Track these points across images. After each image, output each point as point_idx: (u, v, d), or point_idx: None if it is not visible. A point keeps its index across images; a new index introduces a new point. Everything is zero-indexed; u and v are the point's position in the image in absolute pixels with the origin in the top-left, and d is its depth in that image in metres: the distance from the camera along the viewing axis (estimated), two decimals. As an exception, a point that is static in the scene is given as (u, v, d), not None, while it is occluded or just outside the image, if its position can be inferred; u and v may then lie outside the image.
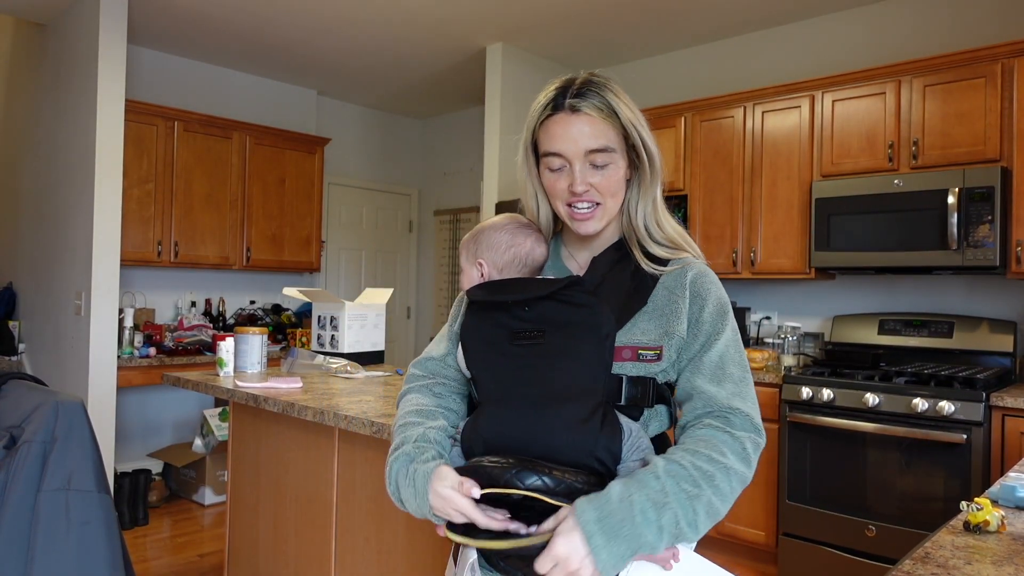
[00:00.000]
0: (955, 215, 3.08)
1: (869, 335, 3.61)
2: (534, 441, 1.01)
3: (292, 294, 3.26)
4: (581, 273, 1.20)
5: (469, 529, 1.00)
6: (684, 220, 4.08)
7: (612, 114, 1.12)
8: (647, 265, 1.15)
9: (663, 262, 1.16)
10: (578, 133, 1.11)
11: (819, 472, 3.21)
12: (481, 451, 1.05)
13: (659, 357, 1.09)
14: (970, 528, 1.15)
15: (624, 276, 1.15)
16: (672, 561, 1.01)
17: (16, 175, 4.80)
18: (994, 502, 1.28)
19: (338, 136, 5.82)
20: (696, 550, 1.12)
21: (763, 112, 3.78)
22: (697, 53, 4.50)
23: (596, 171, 1.12)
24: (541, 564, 0.92)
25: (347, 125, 6.00)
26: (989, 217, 3.03)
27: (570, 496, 0.96)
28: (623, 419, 1.06)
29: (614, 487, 0.95)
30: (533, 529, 0.97)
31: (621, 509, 0.92)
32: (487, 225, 1.25)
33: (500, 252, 1.21)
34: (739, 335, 1.14)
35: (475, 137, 5.83)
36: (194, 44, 4.66)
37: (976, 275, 3.43)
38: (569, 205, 1.14)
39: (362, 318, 3.14)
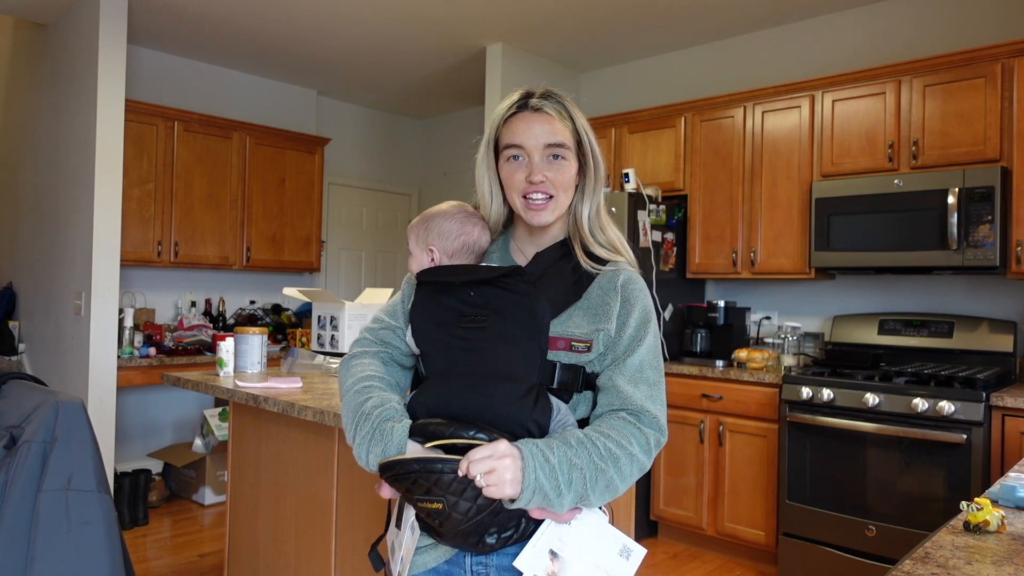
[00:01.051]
0: (955, 215, 3.08)
1: (869, 335, 3.61)
2: (474, 412, 1.13)
3: (292, 294, 3.25)
4: (526, 264, 1.31)
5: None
6: (683, 220, 4.08)
7: (568, 118, 1.25)
8: (585, 263, 1.26)
9: (602, 263, 1.27)
10: (539, 129, 1.23)
11: (819, 472, 3.21)
12: (424, 414, 1.16)
13: (589, 349, 1.20)
14: (970, 528, 1.15)
15: (564, 271, 1.26)
16: (575, 518, 1.14)
17: (16, 175, 4.80)
18: (994, 502, 1.28)
19: (338, 136, 5.82)
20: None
21: (763, 112, 3.78)
22: (697, 53, 4.51)
23: (551, 165, 1.24)
24: (479, 451, 1.04)
25: (347, 125, 6.00)
26: (989, 217, 3.03)
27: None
28: (554, 399, 1.16)
29: (541, 440, 1.10)
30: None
31: (549, 453, 1.07)
32: (436, 212, 1.35)
33: (450, 240, 1.31)
34: (659, 340, 1.27)
35: (475, 137, 5.81)
36: (194, 44, 4.66)
37: (976, 275, 3.43)
38: (524, 196, 1.25)
39: (362, 318, 3.13)
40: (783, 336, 3.73)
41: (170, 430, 4.86)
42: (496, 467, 1.04)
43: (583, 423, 1.21)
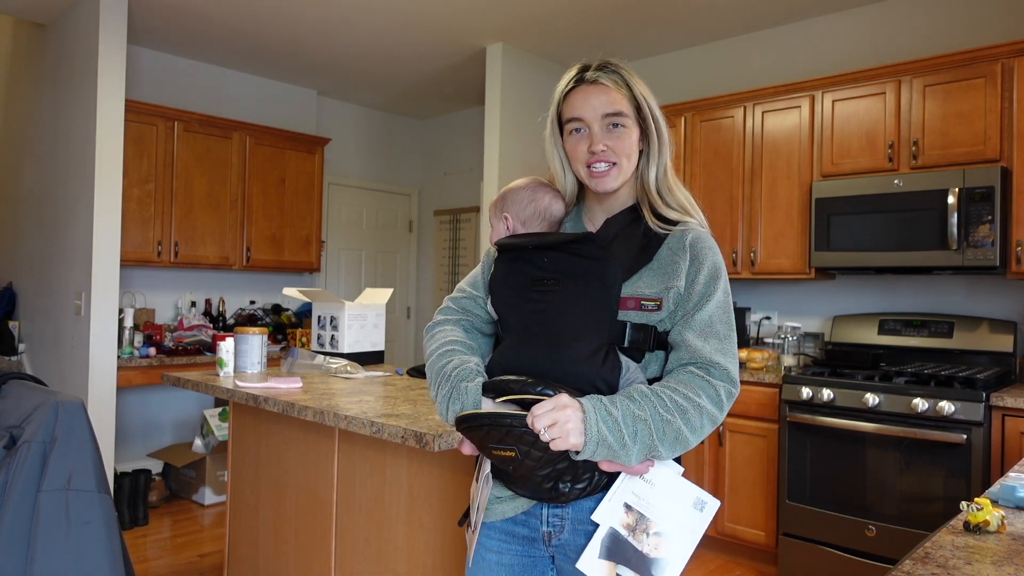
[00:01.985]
0: (955, 215, 3.08)
1: (869, 335, 3.61)
2: (546, 369, 1.19)
3: (292, 294, 3.26)
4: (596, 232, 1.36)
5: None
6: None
7: (626, 86, 1.29)
8: (655, 225, 1.30)
9: (672, 224, 1.31)
10: (596, 101, 1.28)
11: (819, 472, 3.21)
12: (500, 373, 1.24)
13: (659, 307, 1.23)
14: (970, 528, 1.15)
15: (635, 235, 1.30)
16: (648, 471, 1.19)
17: (16, 175, 4.80)
18: (994, 502, 1.28)
19: (338, 136, 5.82)
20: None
21: (763, 112, 3.78)
22: (697, 53, 4.51)
23: (611, 133, 1.28)
24: (542, 406, 1.10)
25: (347, 125, 6.00)
26: (989, 217, 3.03)
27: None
28: (623, 358, 1.22)
29: (606, 396, 1.15)
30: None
31: (612, 407, 1.12)
32: (512, 186, 1.42)
33: (522, 207, 1.39)
34: (730, 297, 1.28)
35: (475, 137, 5.83)
36: (194, 44, 4.66)
37: (976, 275, 3.43)
38: (588, 166, 1.29)
39: (362, 318, 3.14)
40: (783, 336, 3.73)
41: (170, 430, 4.86)
42: (558, 419, 1.08)
43: (655, 382, 1.23)
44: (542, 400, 1.11)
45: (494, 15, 4.10)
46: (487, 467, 1.27)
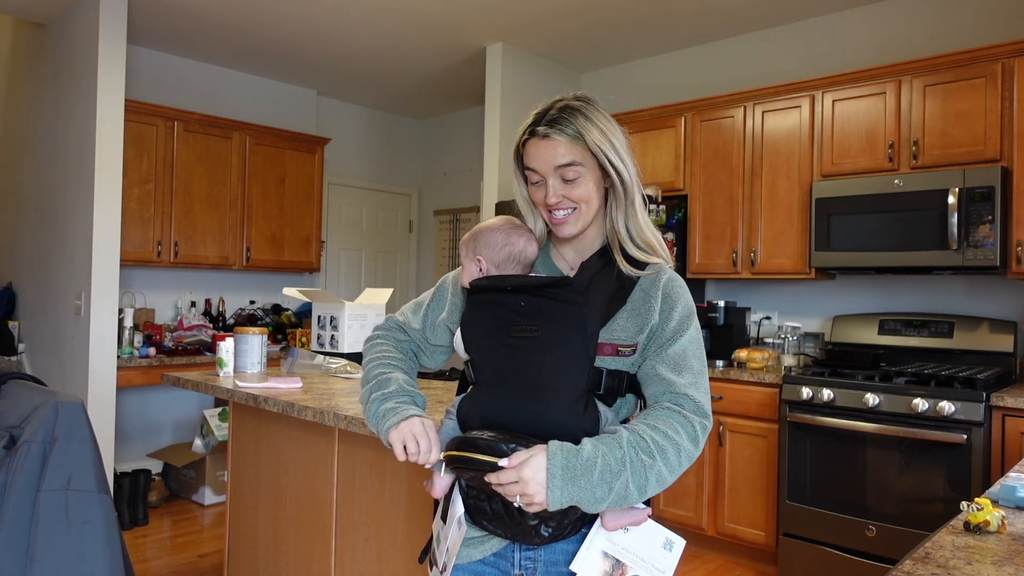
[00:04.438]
0: (955, 215, 3.08)
1: (869, 335, 3.61)
2: (528, 421, 1.17)
3: (292, 294, 3.26)
4: (570, 271, 1.35)
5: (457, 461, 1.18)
6: (684, 220, 4.08)
7: (578, 137, 1.25)
8: (627, 269, 1.29)
9: (640, 264, 1.30)
10: (547, 155, 1.26)
11: (819, 472, 3.20)
12: (477, 425, 1.21)
13: (634, 352, 1.24)
14: (970, 528, 1.15)
15: (609, 278, 1.29)
16: (627, 528, 1.20)
17: (16, 175, 4.80)
18: (994, 502, 1.28)
19: (338, 136, 5.82)
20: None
21: (763, 112, 3.78)
22: (697, 53, 4.51)
23: (566, 184, 1.26)
24: (505, 474, 1.09)
25: (347, 125, 6.00)
26: (989, 217, 3.03)
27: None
28: (601, 406, 1.21)
29: (586, 446, 1.12)
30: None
31: (585, 466, 1.09)
32: (485, 226, 1.39)
33: (496, 250, 1.35)
34: (701, 337, 1.30)
35: (475, 137, 5.82)
36: (194, 44, 4.66)
37: (976, 275, 3.43)
38: (548, 211, 1.29)
39: (362, 318, 3.13)
40: (783, 336, 3.73)
41: (170, 430, 4.86)
42: (522, 477, 1.09)
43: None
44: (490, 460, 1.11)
45: (494, 15, 4.10)
46: (459, 508, 1.25)
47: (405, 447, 1.22)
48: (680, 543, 1.22)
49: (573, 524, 1.20)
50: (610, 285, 1.27)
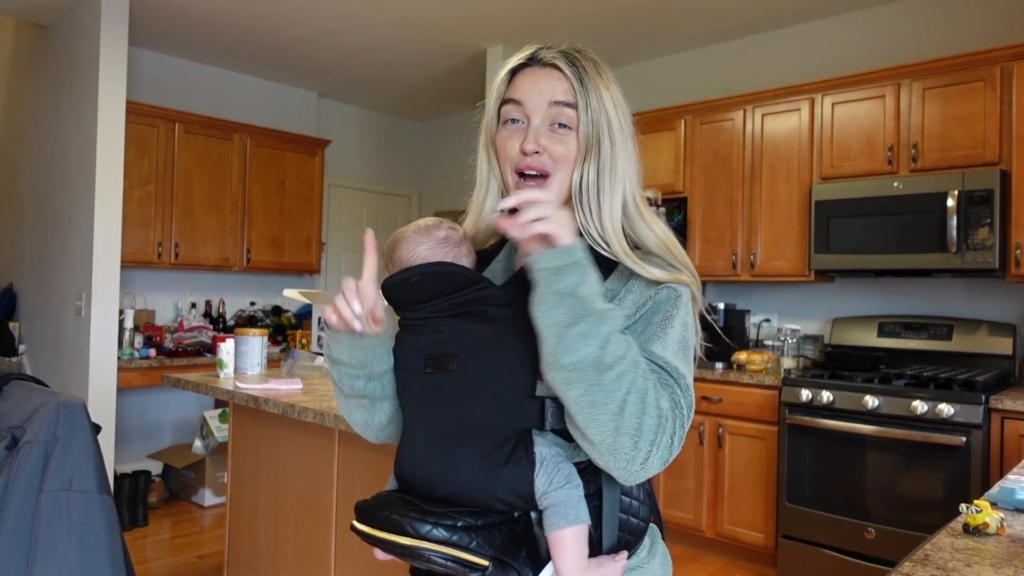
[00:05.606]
0: (954, 218, 3.08)
1: (869, 337, 3.62)
2: (439, 482, 0.94)
3: (292, 295, 3.26)
4: None
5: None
6: (683, 223, 4.09)
7: (585, 91, 1.01)
8: (640, 269, 1.01)
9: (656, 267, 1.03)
10: (546, 85, 1.00)
11: (818, 474, 3.21)
12: (399, 483, 1.00)
13: None
14: (969, 530, 1.15)
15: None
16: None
17: (17, 176, 4.80)
18: (993, 504, 1.28)
19: (339, 138, 5.82)
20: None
21: (763, 115, 3.79)
22: (697, 56, 4.51)
23: (553, 134, 1.00)
24: (537, 195, 0.88)
25: (347, 127, 6.01)
26: (988, 220, 3.03)
27: (465, 548, 0.89)
28: (538, 447, 0.93)
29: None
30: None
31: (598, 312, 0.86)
32: (399, 235, 1.13)
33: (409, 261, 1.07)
34: (691, 340, 1.03)
35: (475, 139, 5.82)
36: (195, 46, 4.67)
37: (975, 278, 3.43)
38: (518, 172, 1.02)
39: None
40: (783, 338, 3.73)
41: (170, 431, 4.86)
42: (549, 215, 0.87)
43: (590, 467, 0.96)
44: (413, 544, 0.88)
45: (494, 18, 4.11)
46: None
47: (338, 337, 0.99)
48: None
49: None
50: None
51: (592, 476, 0.96)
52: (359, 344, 0.98)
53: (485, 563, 0.89)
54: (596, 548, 0.96)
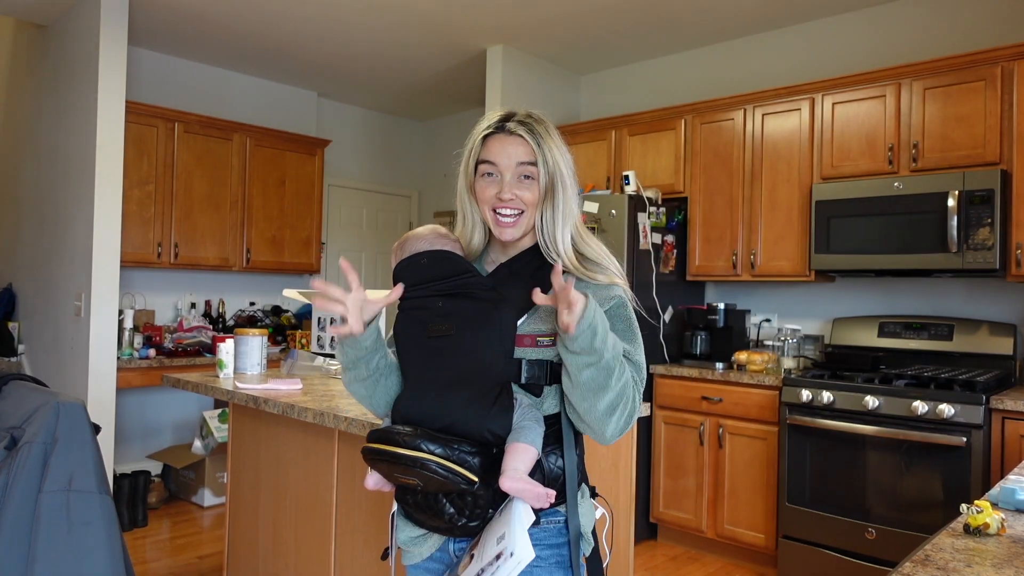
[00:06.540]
0: (955, 218, 3.08)
1: (869, 338, 3.62)
2: (438, 417, 1.22)
3: (292, 295, 3.26)
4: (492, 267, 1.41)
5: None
6: (683, 223, 4.09)
7: (540, 147, 1.32)
8: (573, 268, 1.34)
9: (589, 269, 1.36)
10: (513, 150, 1.32)
11: (819, 475, 3.21)
12: (399, 422, 1.26)
13: (553, 343, 1.26)
14: (970, 531, 1.15)
15: (531, 275, 1.34)
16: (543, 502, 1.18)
17: (16, 176, 4.80)
18: (994, 505, 1.28)
19: (338, 138, 5.82)
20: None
21: (763, 114, 3.79)
22: (697, 55, 4.51)
23: (522, 184, 1.32)
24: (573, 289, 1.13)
25: (347, 127, 6.01)
26: (989, 220, 3.03)
27: (461, 464, 1.16)
28: (518, 395, 1.26)
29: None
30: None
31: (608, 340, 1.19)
32: (412, 234, 1.44)
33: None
34: (634, 318, 1.34)
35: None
36: (195, 46, 4.67)
37: (976, 278, 3.43)
38: (494, 211, 1.33)
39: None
40: (783, 338, 3.73)
41: (169, 431, 4.85)
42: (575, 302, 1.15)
43: (552, 419, 1.28)
44: (420, 455, 1.15)
45: (495, 17, 4.11)
46: (394, 506, 1.34)
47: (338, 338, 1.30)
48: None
49: (487, 514, 1.22)
50: (534, 281, 1.29)
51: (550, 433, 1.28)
52: (355, 343, 1.30)
53: (476, 479, 1.17)
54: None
